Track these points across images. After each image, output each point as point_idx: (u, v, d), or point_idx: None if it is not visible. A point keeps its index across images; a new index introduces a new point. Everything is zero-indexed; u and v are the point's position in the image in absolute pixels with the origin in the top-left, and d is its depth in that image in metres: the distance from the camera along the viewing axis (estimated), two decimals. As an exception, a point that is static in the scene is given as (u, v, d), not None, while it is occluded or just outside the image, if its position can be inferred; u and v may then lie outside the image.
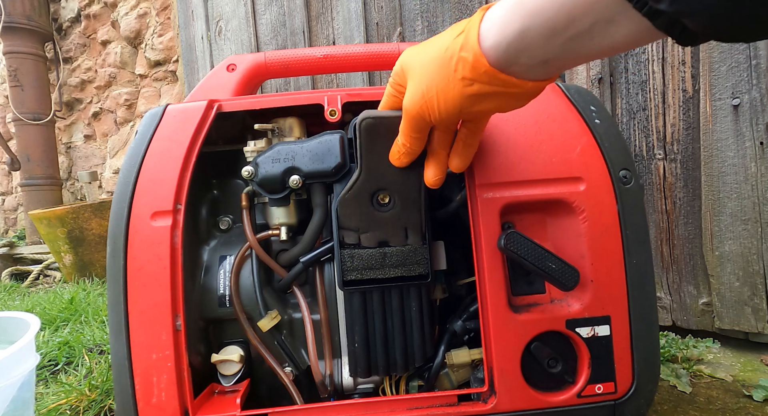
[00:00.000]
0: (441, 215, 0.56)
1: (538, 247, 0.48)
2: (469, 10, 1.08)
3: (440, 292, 0.59)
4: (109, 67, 2.70)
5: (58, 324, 1.27)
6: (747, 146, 0.83)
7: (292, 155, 0.54)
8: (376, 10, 1.24)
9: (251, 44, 1.51)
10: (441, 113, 0.39)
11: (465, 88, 0.37)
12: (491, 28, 0.34)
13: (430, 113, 0.39)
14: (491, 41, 0.34)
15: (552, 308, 0.53)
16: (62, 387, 0.84)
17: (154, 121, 0.55)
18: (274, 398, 0.60)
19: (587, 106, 0.55)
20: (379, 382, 0.58)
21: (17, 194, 3.37)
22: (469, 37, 0.35)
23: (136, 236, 0.51)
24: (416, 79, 0.40)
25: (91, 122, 2.95)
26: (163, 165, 0.53)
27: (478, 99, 0.37)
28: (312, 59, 0.67)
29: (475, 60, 0.35)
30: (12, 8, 2.64)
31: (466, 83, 0.36)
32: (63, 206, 2.17)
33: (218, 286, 0.59)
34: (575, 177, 0.53)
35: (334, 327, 0.58)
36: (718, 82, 0.84)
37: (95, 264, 2.01)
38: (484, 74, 0.35)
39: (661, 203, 0.94)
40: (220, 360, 0.56)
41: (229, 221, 0.63)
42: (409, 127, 0.42)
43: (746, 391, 0.74)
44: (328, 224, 0.56)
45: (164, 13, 2.30)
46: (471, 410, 0.51)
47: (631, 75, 0.92)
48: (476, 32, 0.35)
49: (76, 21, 2.87)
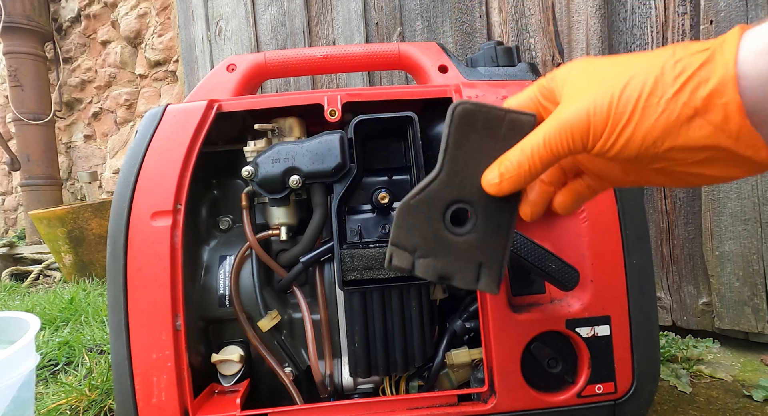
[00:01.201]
0: (441, 215, 0.56)
1: (538, 247, 0.48)
2: (469, 10, 1.08)
3: (440, 292, 0.59)
4: (109, 67, 2.70)
5: (58, 324, 1.27)
6: (747, 146, 0.83)
7: (292, 155, 0.54)
8: (376, 10, 1.24)
9: (251, 44, 1.51)
10: (622, 137, 0.26)
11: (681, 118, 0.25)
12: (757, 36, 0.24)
13: (610, 133, 0.26)
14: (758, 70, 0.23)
15: (552, 308, 0.53)
16: (62, 387, 0.84)
17: (154, 121, 0.55)
18: (274, 398, 0.60)
19: (587, 106, 0.55)
20: (379, 382, 0.58)
21: (17, 194, 3.37)
22: (724, 50, 0.24)
23: (136, 236, 0.51)
24: (600, 85, 0.28)
25: (91, 122, 2.95)
26: (163, 165, 0.53)
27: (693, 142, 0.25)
28: (312, 59, 0.67)
29: (721, 84, 0.24)
30: (12, 8, 2.64)
31: (688, 112, 0.24)
32: (63, 206, 2.17)
33: (218, 286, 0.59)
34: (575, 177, 0.53)
35: (334, 327, 0.58)
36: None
37: (95, 264, 2.01)
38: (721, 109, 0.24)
39: (661, 203, 0.94)
40: (220, 360, 0.56)
41: (229, 221, 0.63)
42: (556, 144, 0.29)
43: (746, 391, 0.74)
44: (328, 224, 0.56)
45: (164, 13, 2.30)
46: (471, 410, 0.51)
47: (631, 75, 0.92)
48: (734, 47, 0.24)
49: (76, 21, 2.87)
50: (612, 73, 0.28)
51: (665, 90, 0.25)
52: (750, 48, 0.24)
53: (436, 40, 1.14)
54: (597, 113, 0.27)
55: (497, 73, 0.61)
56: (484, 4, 1.06)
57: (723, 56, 0.24)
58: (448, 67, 0.63)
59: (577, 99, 0.28)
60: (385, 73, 1.25)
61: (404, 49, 0.66)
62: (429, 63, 0.64)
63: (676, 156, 0.26)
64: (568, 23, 0.95)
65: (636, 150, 0.26)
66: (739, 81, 0.23)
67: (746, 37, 0.24)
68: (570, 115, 0.28)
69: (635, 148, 0.26)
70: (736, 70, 0.23)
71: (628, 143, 0.26)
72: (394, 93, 0.57)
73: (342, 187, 0.54)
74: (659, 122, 0.25)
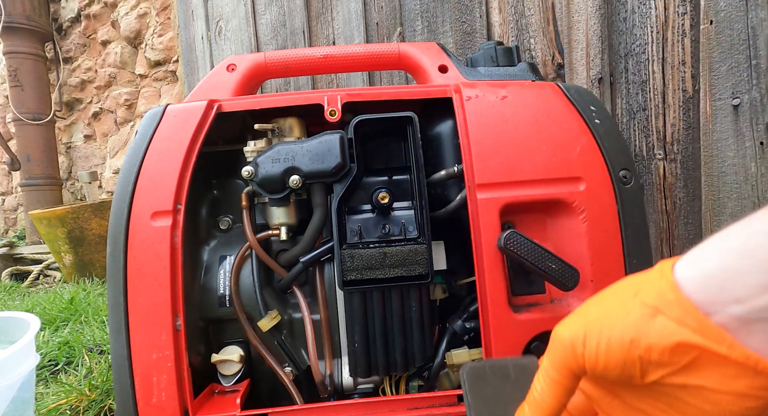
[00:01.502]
0: (441, 215, 0.56)
1: (538, 247, 0.48)
2: (469, 10, 1.08)
3: (440, 292, 0.59)
4: (109, 67, 2.70)
5: (58, 324, 1.27)
6: (747, 146, 0.83)
7: (292, 155, 0.54)
8: (376, 10, 1.24)
9: (251, 44, 1.51)
10: (600, 347, 0.29)
11: (644, 317, 0.27)
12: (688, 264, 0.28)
13: (584, 344, 0.29)
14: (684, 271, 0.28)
15: (552, 308, 0.53)
16: (62, 387, 0.84)
17: (154, 121, 0.55)
18: (274, 398, 0.60)
19: (587, 106, 0.55)
20: (379, 382, 0.58)
21: (17, 194, 3.37)
22: (662, 266, 0.29)
23: (136, 236, 0.51)
24: (582, 309, 0.32)
25: (91, 122, 2.95)
26: (163, 165, 0.53)
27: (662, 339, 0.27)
28: (312, 59, 0.67)
29: (663, 283, 0.28)
30: (12, 8, 2.64)
31: (647, 311, 0.28)
32: (63, 206, 2.17)
33: (218, 286, 0.59)
34: (575, 177, 0.53)
35: (334, 327, 0.58)
36: (718, 82, 0.84)
37: (95, 264, 2.01)
38: (676, 304, 0.27)
39: (661, 203, 0.93)
40: (220, 360, 0.56)
41: (229, 221, 0.63)
42: (553, 362, 0.31)
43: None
44: (328, 224, 0.56)
45: (164, 13, 2.30)
46: (471, 410, 0.51)
47: (631, 75, 0.92)
48: (669, 263, 0.29)
49: (76, 21, 2.87)
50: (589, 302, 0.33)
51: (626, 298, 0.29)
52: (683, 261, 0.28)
53: (436, 40, 1.14)
54: (573, 324, 0.31)
55: (497, 73, 0.61)
56: (484, 4, 1.06)
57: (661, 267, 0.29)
58: (448, 67, 0.63)
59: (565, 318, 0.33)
60: (385, 73, 1.25)
61: (404, 49, 0.66)
62: (429, 63, 0.64)
63: (657, 364, 0.28)
64: (568, 23, 0.95)
65: (614, 356, 0.28)
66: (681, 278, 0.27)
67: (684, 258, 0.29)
68: (556, 329, 0.32)
69: (615, 355, 0.28)
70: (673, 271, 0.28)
71: (604, 350, 0.29)
72: (394, 93, 0.57)
73: (342, 187, 0.54)
74: (627, 322, 0.28)
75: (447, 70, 0.63)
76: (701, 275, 0.27)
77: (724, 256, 0.26)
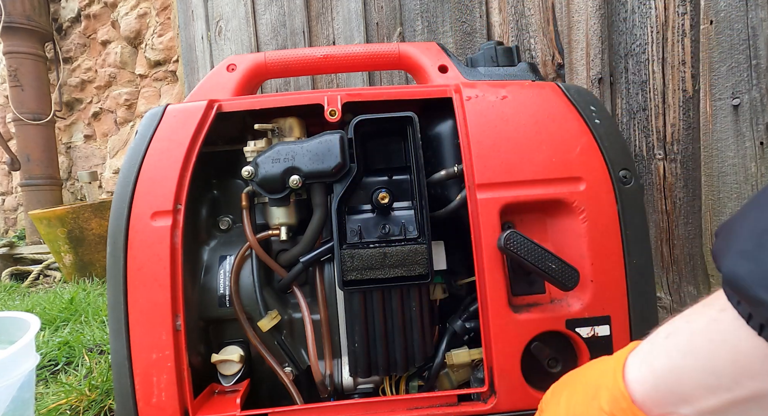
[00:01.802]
0: (441, 215, 0.56)
1: (538, 247, 0.48)
2: (469, 10, 1.08)
3: (440, 292, 0.59)
4: (109, 67, 2.70)
5: (58, 324, 1.27)
6: (747, 146, 0.83)
7: (292, 155, 0.54)
8: (376, 10, 1.24)
9: (251, 44, 1.51)
10: None
11: None
12: (636, 360, 0.30)
13: None
14: (635, 373, 0.30)
15: (552, 308, 0.53)
16: (62, 387, 0.84)
17: (154, 121, 0.55)
18: (274, 398, 0.60)
19: (587, 106, 0.55)
20: (379, 382, 0.58)
21: (17, 194, 3.37)
22: (617, 362, 0.32)
23: (136, 236, 0.51)
24: (559, 403, 0.35)
25: (91, 122, 2.95)
26: (163, 165, 0.53)
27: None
28: (312, 59, 0.67)
29: (618, 390, 0.30)
30: (12, 8, 2.64)
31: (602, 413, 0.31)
32: (63, 206, 2.17)
33: (218, 286, 0.59)
34: (575, 177, 0.53)
35: (334, 327, 0.58)
36: (718, 82, 0.84)
37: (95, 264, 2.01)
38: (627, 412, 0.29)
39: (661, 203, 0.93)
40: (220, 360, 0.56)
41: (229, 221, 0.63)
42: None
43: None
44: (328, 224, 0.56)
45: (164, 13, 2.30)
46: (471, 410, 0.51)
47: (631, 75, 0.92)
48: (621, 361, 0.31)
49: (76, 21, 2.87)
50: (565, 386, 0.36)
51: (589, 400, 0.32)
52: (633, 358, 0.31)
53: (436, 40, 1.14)
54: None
55: (497, 73, 0.61)
56: (484, 4, 1.06)
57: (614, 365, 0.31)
58: (448, 67, 0.63)
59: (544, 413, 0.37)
60: (385, 73, 1.25)
61: (404, 49, 0.66)
62: (429, 63, 0.64)
63: None
64: (568, 23, 0.95)
65: None
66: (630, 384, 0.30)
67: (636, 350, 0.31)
68: None
69: None
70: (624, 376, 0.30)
71: None
72: (394, 93, 0.57)
73: (342, 187, 0.54)
74: None
75: (447, 70, 0.63)
76: (651, 377, 0.29)
77: (670, 355, 0.28)
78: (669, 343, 0.28)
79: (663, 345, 0.29)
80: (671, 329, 0.29)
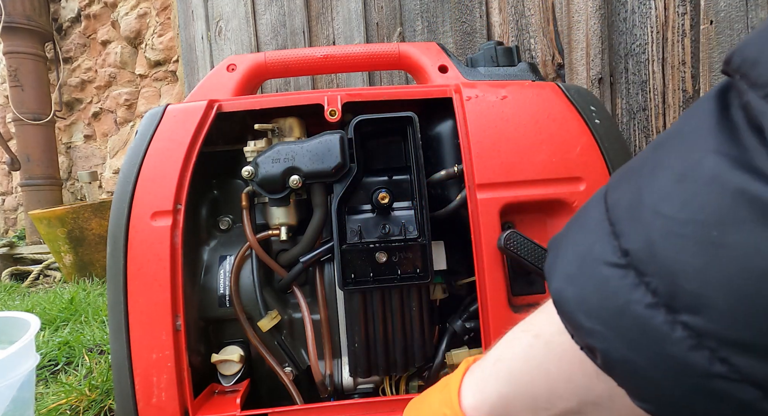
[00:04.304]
0: (441, 215, 0.56)
1: (538, 247, 0.48)
2: (469, 10, 1.08)
3: (440, 292, 0.59)
4: (109, 67, 2.70)
5: (58, 324, 1.27)
6: (747, 146, 0.83)
7: (292, 155, 0.54)
8: (376, 10, 1.24)
9: (251, 44, 1.51)
10: None
11: None
12: (472, 388, 0.32)
13: None
14: (470, 400, 0.31)
15: (552, 308, 0.53)
16: (62, 387, 0.84)
17: (154, 121, 0.55)
18: (274, 398, 0.60)
19: (587, 106, 0.55)
20: (379, 382, 0.58)
21: (17, 194, 3.37)
22: (450, 390, 0.33)
23: (136, 236, 0.51)
24: None
25: (91, 121, 2.95)
26: (163, 165, 0.53)
27: None
28: (312, 59, 0.67)
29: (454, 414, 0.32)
30: (12, 8, 2.64)
31: None
32: (63, 206, 2.17)
33: (218, 286, 0.59)
34: (575, 177, 0.53)
35: (334, 327, 0.58)
36: (718, 83, 0.84)
37: (95, 264, 2.01)
38: None
39: (661, 203, 0.93)
40: (220, 360, 0.56)
41: (229, 221, 0.63)
42: None
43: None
44: (328, 224, 0.56)
45: (164, 13, 2.30)
46: (471, 410, 0.51)
47: (631, 75, 0.92)
48: (457, 386, 0.33)
49: (76, 21, 2.87)
50: None
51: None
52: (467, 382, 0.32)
53: (436, 40, 1.14)
54: None
55: (497, 73, 0.61)
56: (484, 4, 1.06)
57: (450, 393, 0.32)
58: (448, 67, 0.63)
59: None
60: (385, 73, 1.25)
61: (404, 49, 0.66)
62: (429, 63, 0.64)
63: None
64: (568, 23, 0.95)
65: None
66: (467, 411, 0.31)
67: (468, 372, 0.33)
68: None
69: None
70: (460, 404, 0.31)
71: None
72: (394, 93, 0.57)
73: (342, 187, 0.54)
74: None
75: (447, 70, 0.63)
76: (484, 406, 0.30)
77: (498, 383, 0.30)
78: (495, 370, 0.30)
79: (491, 372, 0.30)
80: (498, 353, 0.31)
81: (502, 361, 0.30)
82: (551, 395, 0.27)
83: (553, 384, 0.27)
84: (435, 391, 0.36)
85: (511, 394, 0.29)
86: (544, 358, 0.27)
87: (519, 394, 0.29)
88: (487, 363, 0.31)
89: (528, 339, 0.28)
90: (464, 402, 0.31)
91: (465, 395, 0.32)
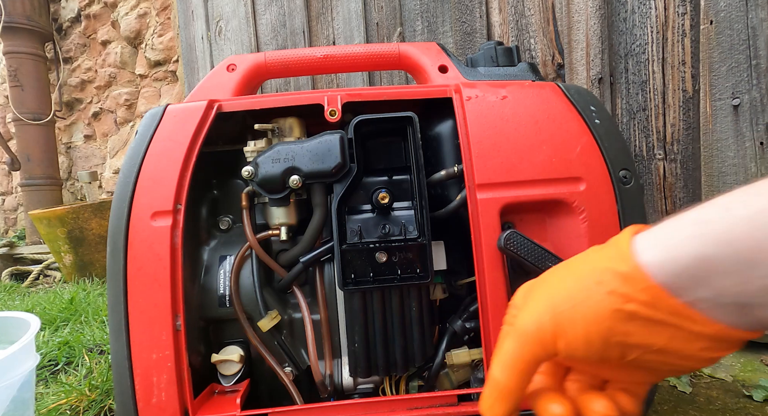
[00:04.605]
0: (441, 215, 0.56)
1: (538, 247, 0.48)
2: (469, 10, 1.08)
3: (440, 292, 0.59)
4: (109, 67, 2.70)
5: (58, 324, 1.27)
6: (747, 146, 0.83)
7: (292, 155, 0.54)
8: (376, 10, 1.24)
9: (251, 44, 1.51)
10: (577, 337, 0.29)
11: (616, 306, 0.27)
12: (653, 247, 0.27)
13: (558, 336, 0.29)
14: (655, 258, 0.27)
15: (552, 308, 0.53)
16: (62, 387, 0.84)
17: (154, 121, 0.55)
18: (274, 398, 0.60)
19: (587, 106, 0.55)
20: (379, 382, 0.58)
21: (17, 194, 3.37)
22: (619, 246, 0.29)
23: (136, 236, 0.51)
24: (542, 294, 0.31)
25: (91, 122, 2.95)
26: (163, 165, 0.53)
27: (637, 327, 0.27)
28: (312, 59, 0.67)
29: (632, 271, 0.27)
30: (12, 8, 2.64)
31: (618, 300, 0.27)
32: (63, 206, 2.17)
33: (218, 286, 0.59)
34: (575, 177, 0.53)
35: (334, 327, 0.58)
36: (718, 82, 0.84)
37: (95, 264, 2.01)
38: (645, 292, 0.27)
39: (661, 203, 0.93)
40: (220, 360, 0.56)
41: (229, 221, 0.63)
42: (520, 355, 0.31)
43: (746, 391, 0.74)
44: (328, 224, 0.56)
45: (164, 13, 2.30)
46: (471, 410, 0.51)
47: (631, 75, 0.92)
48: (627, 242, 0.29)
49: (76, 21, 2.87)
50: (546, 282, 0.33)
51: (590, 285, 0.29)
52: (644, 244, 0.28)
53: (436, 40, 1.14)
54: (539, 317, 0.30)
55: (497, 73, 0.61)
56: (484, 4, 1.06)
57: (621, 249, 0.29)
58: (448, 67, 0.63)
59: (525, 308, 0.32)
60: (385, 73, 1.25)
61: (404, 49, 0.66)
62: (429, 63, 0.64)
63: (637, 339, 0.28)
64: (568, 23, 0.95)
65: (595, 345, 0.29)
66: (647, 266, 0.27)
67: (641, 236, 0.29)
68: (520, 324, 0.31)
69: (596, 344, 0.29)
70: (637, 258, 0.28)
71: (582, 340, 0.29)
72: (394, 93, 0.57)
73: (342, 187, 0.54)
74: (602, 314, 0.28)
75: (447, 70, 0.63)
76: (671, 264, 0.26)
77: (701, 243, 0.25)
78: (699, 231, 0.26)
79: (689, 233, 0.26)
80: (699, 216, 0.26)
81: (711, 223, 0.25)
82: None
83: None
84: (590, 252, 0.32)
85: (720, 256, 0.25)
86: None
87: (728, 257, 0.25)
88: (682, 221, 0.27)
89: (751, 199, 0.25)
90: (643, 258, 0.27)
91: (643, 252, 0.28)
